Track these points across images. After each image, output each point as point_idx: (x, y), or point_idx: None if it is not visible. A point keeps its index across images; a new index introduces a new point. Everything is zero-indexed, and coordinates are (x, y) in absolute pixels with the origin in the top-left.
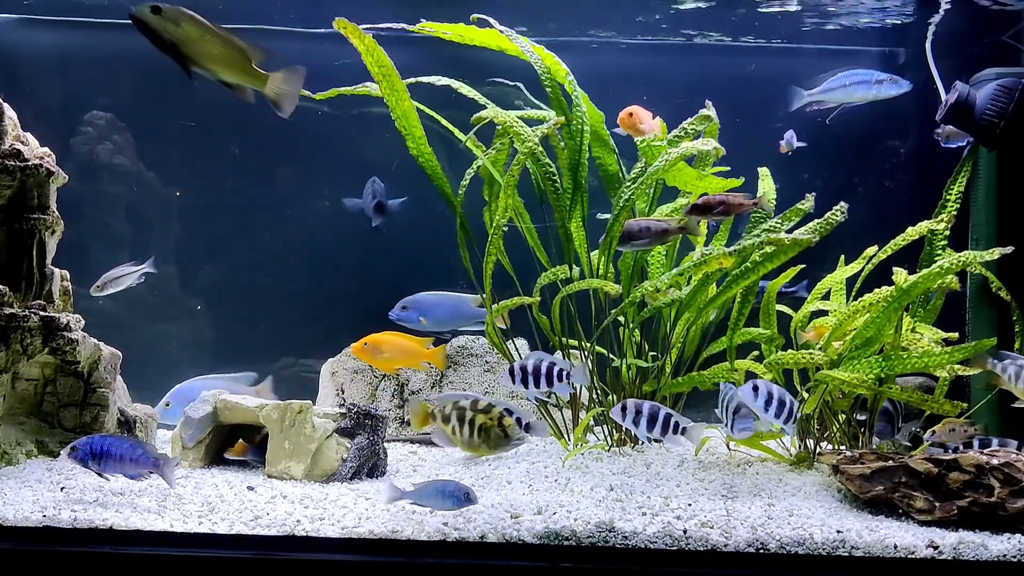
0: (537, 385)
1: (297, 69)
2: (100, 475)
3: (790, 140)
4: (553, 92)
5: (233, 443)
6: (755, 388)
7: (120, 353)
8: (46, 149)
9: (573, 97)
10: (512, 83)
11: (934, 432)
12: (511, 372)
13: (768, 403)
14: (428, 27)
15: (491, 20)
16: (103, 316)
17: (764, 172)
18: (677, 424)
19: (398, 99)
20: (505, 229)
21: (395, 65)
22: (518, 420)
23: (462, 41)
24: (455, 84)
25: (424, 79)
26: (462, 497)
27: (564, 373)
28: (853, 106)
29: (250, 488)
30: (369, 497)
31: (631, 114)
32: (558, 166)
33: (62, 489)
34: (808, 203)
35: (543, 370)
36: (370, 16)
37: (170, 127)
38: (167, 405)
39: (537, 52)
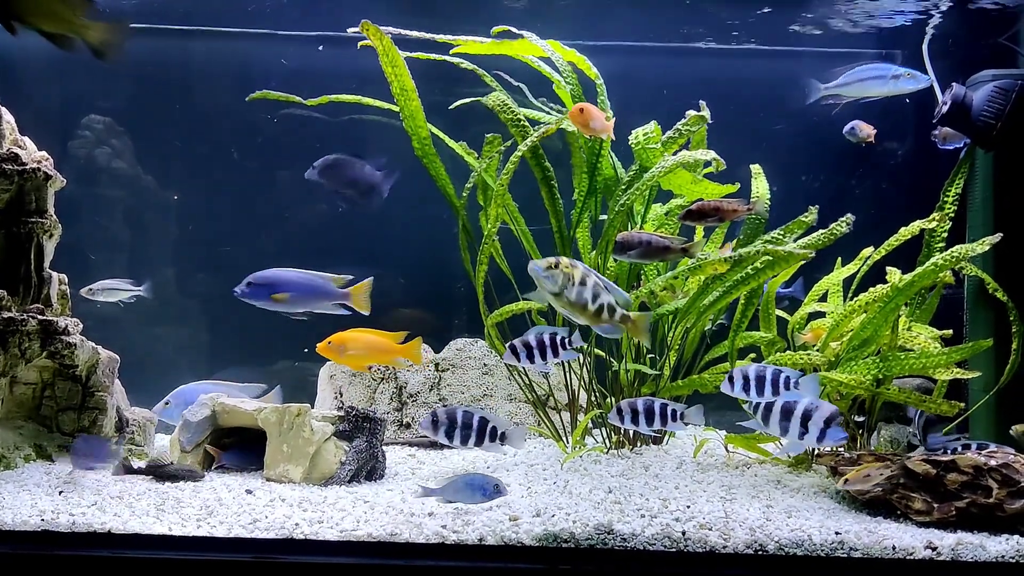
0: (544, 358)
1: (122, 20)
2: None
3: (854, 131)
4: (575, 90)
5: (232, 446)
6: (730, 379)
7: (118, 357)
8: (44, 153)
9: (600, 100)
10: (516, 83)
11: (847, 480)
12: (513, 350)
13: (748, 387)
14: (461, 43)
15: (515, 30)
16: (101, 320)
17: (757, 170)
18: (675, 411)
19: (407, 99)
20: (496, 238)
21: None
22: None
23: (497, 53)
24: (479, 70)
25: (452, 58)
26: (491, 489)
27: (566, 340)
28: (851, 107)
29: (248, 491)
30: (368, 500)
31: (582, 110)
32: (572, 163)
33: (60, 493)
34: (811, 216)
35: (547, 341)
36: (362, 20)
37: (168, 131)
38: (166, 404)
39: (559, 51)
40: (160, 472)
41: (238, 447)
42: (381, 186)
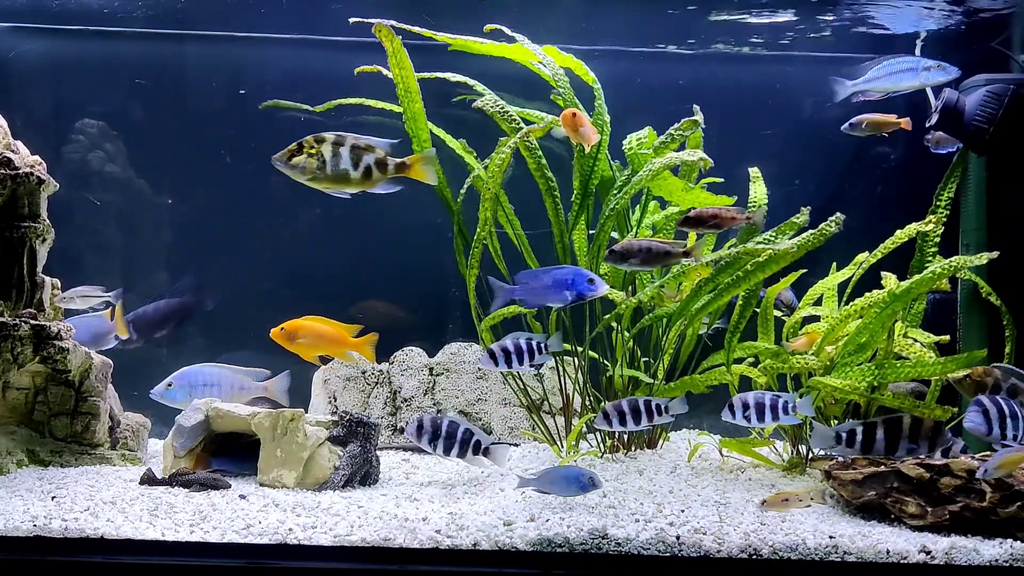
0: (520, 362)
1: None
2: None
3: (853, 126)
4: (567, 94)
5: (226, 451)
6: (730, 407)
7: (111, 361)
8: (37, 157)
9: (597, 104)
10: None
11: (764, 503)
12: (491, 355)
13: (748, 415)
14: (459, 42)
15: (507, 30)
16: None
17: (755, 174)
18: (659, 406)
19: (410, 100)
20: (485, 243)
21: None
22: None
23: (493, 55)
24: (471, 81)
25: (440, 74)
26: (587, 483)
27: (543, 345)
28: (842, 113)
29: (242, 496)
30: (362, 505)
31: (574, 115)
32: (574, 164)
33: (53, 498)
34: (803, 217)
35: (524, 346)
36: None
37: (161, 135)
38: (169, 385)
39: (553, 55)
40: (186, 481)
41: (231, 452)
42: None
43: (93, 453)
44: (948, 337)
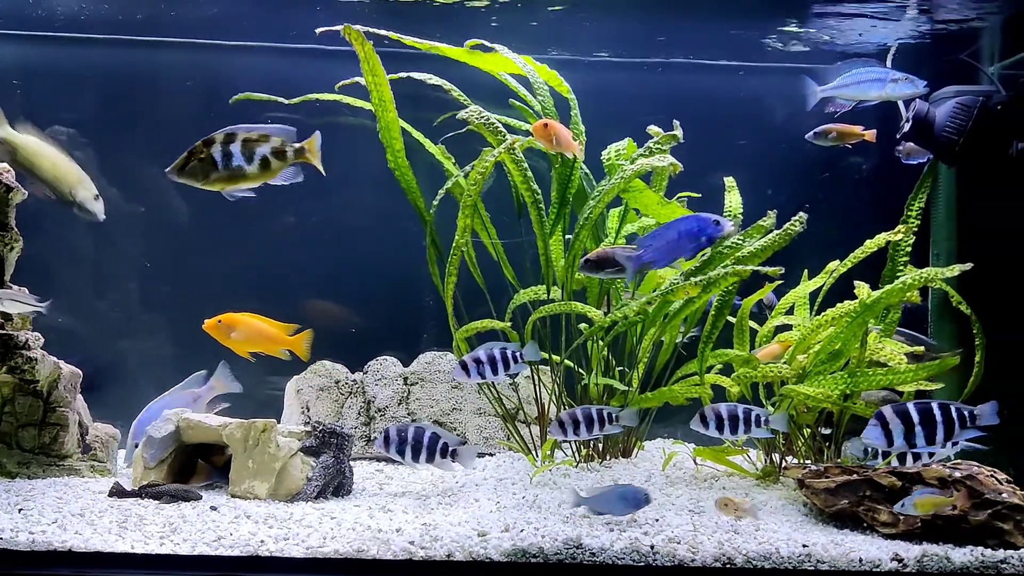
0: (495, 372)
1: None
2: None
3: (818, 135)
4: (545, 102)
5: (196, 463)
6: (703, 418)
7: (80, 372)
8: (5, 165)
9: (573, 115)
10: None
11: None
12: (463, 367)
13: (720, 427)
14: (436, 49)
15: (488, 43)
16: (63, 334)
17: (730, 183)
18: (611, 415)
19: (384, 110)
20: (464, 249)
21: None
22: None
23: (473, 63)
24: (447, 85)
25: (414, 75)
26: (641, 499)
27: (517, 354)
28: (816, 123)
29: (213, 508)
30: (335, 516)
31: (546, 125)
32: (552, 175)
33: (20, 511)
34: (770, 220)
35: (497, 356)
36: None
37: (132, 143)
38: (136, 446)
39: (531, 65)
40: (157, 493)
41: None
42: None
43: (61, 465)
44: (923, 349)
